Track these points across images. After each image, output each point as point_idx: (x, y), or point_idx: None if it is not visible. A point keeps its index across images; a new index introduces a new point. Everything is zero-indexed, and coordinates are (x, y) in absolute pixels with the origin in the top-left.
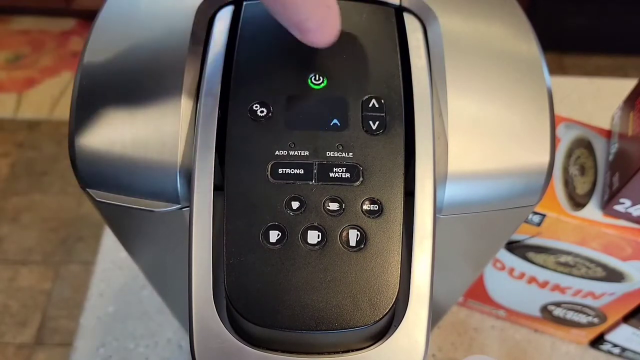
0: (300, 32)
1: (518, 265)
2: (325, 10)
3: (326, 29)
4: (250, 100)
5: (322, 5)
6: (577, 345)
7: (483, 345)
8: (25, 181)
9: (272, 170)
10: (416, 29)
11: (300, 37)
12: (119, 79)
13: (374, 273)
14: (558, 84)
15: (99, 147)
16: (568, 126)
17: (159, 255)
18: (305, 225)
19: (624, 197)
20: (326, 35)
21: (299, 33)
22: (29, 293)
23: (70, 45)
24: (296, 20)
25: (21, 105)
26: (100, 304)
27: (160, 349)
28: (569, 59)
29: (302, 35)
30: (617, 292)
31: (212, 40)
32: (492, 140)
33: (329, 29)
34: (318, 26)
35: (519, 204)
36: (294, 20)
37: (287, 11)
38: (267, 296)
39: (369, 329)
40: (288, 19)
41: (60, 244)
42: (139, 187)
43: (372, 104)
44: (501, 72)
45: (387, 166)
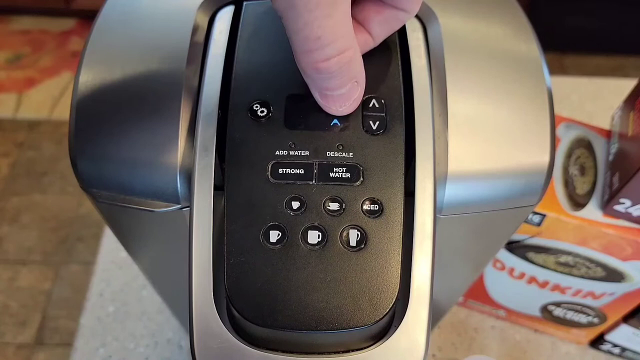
0: (321, 97)
1: (518, 265)
2: (354, 85)
3: (348, 102)
4: (251, 100)
5: (353, 80)
6: (577, 345)
7: (483, 345)
8: (25, 181)
9: (272, 170)
10: (416, 29)
11: (319, 101)
12: (119, 79)
13: (374, 273)
14: (558, 84)
15: (99, 147)
16: (568, 126)
17: (159, 255)
18: (305, 225)
19: (624, 197)
20: (344, 108)
21: (320, 97)
22: (29, 293)
23: (70, 45)
24: (323, 86)
25: (21, 105)
26: (100, 304)
27: (160, 349)
28: (569, 59)
29: (322, 100)
30: (617, 292)
31: (212, 40)
32: (492, 140)
33: (350, 104)
34: (341, 97)
35: (519, 204)
36: (321, 85)
37: (319, 76)
38: (268, 296)
39: (369, 329)
40: (316, 82)
41: (60, 244)
42: (139, 187)
43: (372, 103)
44: (501, 72)
45: (387, 166)
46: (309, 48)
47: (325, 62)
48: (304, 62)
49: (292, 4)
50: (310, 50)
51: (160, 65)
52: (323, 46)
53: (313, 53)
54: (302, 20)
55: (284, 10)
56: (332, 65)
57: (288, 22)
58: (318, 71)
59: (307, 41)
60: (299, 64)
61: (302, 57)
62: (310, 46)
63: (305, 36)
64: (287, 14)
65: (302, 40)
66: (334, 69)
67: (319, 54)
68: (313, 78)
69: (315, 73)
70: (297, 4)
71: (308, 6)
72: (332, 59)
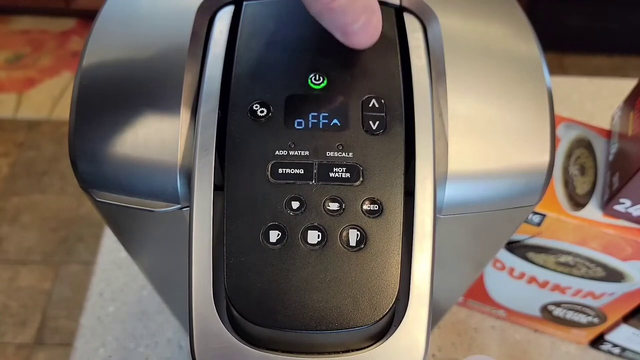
0: (344, 35)
1: (518, 265)
2: (370, 13)
3: (370, 32)
4: (250, 100)
5: (368, 8)
6: (577, 345)
7: (483, 345)
8: (25, 181)
9: (272, 170)
10: (416, 29)
11: (343, 40)
12: (119, 79)
13: (374, 273)
14: (558, 84)
15: (99, 147)
16: (568, 126)
17: (159, 255)
18: (305, 225)
19: (624, 197)
20: (369, 38)
21: (342, 35)
22: (29, 293)
23: (70, 45)
24: (341, 23)
25: (21, 105)
26: (100, 304)
27: (160, 349)
28: (569, 59)
29: (346, 37)
30: (617, 292)
31: (212, 40)
32: (492, 140)
33: (373, 32)
34: (362, 29)
35: (519, 204)
36: (339, 23)
37: (333, 15)
38: (267, 296)
39: (369, 329)
40: (333, 22)
41: (60, 244)
42: (139, 187)
43: (372, 103)
44: (501, 72)
45: (387, 166)
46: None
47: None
48: (317, 8)
49: None
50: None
51: (160, 65)
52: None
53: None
54: None
55: None
56: (343, 1)
57: None
58: (332, 11)
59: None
60: (312, 11)
61: (314, 5)
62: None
63: None
64: None
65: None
66: (345, 4)
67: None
68: (330, 19)
69: (330, 14)
70: None
71: None
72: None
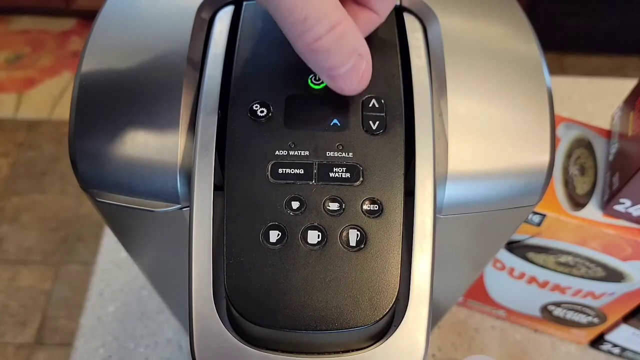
0: (328, 78)
1: (518, 265)
2: (357, 58)
3: (356, 78)
4: (251, 100)
5: (354, 53)
6: (577, 345)
7: (483, 345)
8: (25, 181)
9: (272, 170)
10: (416, 29)
11: (328, 83)
12: (119, 79)
13: (374, 273)
14: (558, 84)
15: (99, 147)
16: (568, 126)
17: (159, 255)
18: (305, 225)
19: (624, 197)
20: (356, 85)
21: (327, 79)
22: (29, 293)
23: (70, 45)
24: (325, 66)
25: (21, 105)
26: (100, 304)
27: (160, 349)
28: (569, 59)
29: (331, 81)
30: (617, 292)
31: (212, 40)
32: (492, 140)
33: (361, 79)
34: (348, 75)
35: (519, 204)
36: (323, 65)
37: (317, 56)
38: (267, 296)
39: (369, 329)
40: (317, 63)
41: (60, 244)
42: (139, 187)
43: (372, 103)
44: (501, 72)
45: (387, 166)
46: (299, 31)
47: (318, 41)
48: (300, 47)
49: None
50: (301, 34)
51: (160, 65)
52: (312, 26)
53: (304, 35)
54: (284, 7)
55: (266, 3)
56: (326, 42)
57: (273, 12)
58: (315, 52)
59: (295, 25)
60: (297, 51)
61: (297, 43)
62: (299, 29)
63: (292, 22)
64: (270, 4)
65: (291, 27)
66: (328, 45)
67: (309, 35)
68: (314, 60)
69: (313, 55)
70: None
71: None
72: (323, 36)
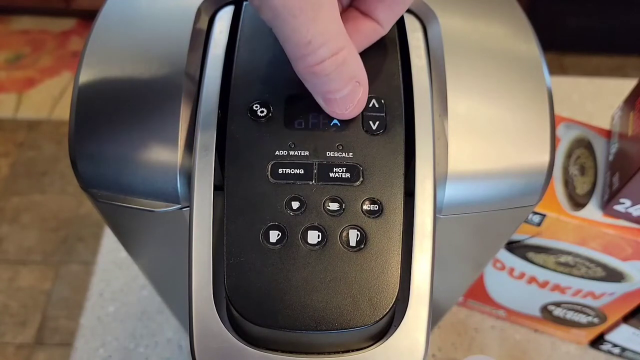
0: (324, 101)
1: (518, 265)
2: (355, 86)
3: (351, 104)
4: (251, 100)
5: (353, 80)
6: (577, 345)
7: (483, 345)
8: (25, 181)
9: (272, 170)
10: (416, 29)
11: (322, 106)
12: (119, 79)
13: (374, 273)
14: (558, 84)
15: (99, 147)
16: (568, 126)
17: (159, 255)
18: (305, 225)
19: (624, 197)
20: (350, 111)
21: (322, 101)
22: (29, 293)
23: (70, 45)
24: (323, 90)
25: (21, 105)
26: (100, 304)
27: (160, 349)
28: (569, 59)
29: (326, 104)
30: (617, 292)
31: (212, 40)
32: (492, 140)
33: (356, 105)
34: (344, 100)
35: (519, 204)
36: (321, 89)
37: (316, 79)
38: (267, 296)
39: (369, 329)
40: (315, 86)
41: (60, 244)
42: (139, 187)
43: (372, 103)
44: (501, 72)
45: (387, 166)
46: (302, 53)
47: (319, 65)
48: (300, 68)
49: (276, 13)
50: (303, 56)
51: (160, 65)
52: (315, 50)
53: (306, 58)
54: (289, 27)
55: (271, 21)
56: (327, 67)
57: (277, 31)
58: (315, 75)
59: (298, 47)
60: (296, 71)
61: (297, 64)
62: (302, 52)
63: (295, 43)
64: (275, 23)
65: (294, 47)
66: (329, 70)
67: (312, 58)
68: (313, 83)
69: (312, 77)
70: (281, 12)
71: (292, 12)
72: (325, 60)
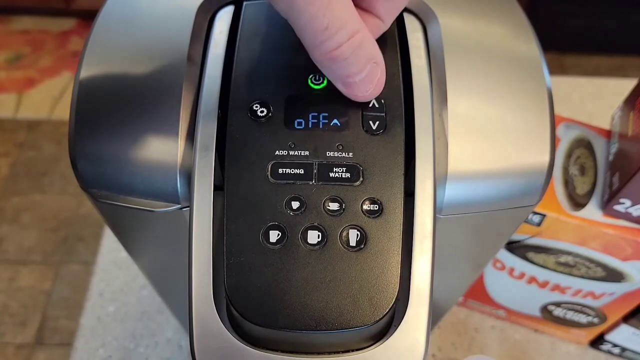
0: (344, 85)
1: (518, 265)
2: (373, 66)
3: (371, 85)
4: (251, 100)
5: (370, 61)
6: (577, 345)
7: (483, 345)
8: (25, 181)
9: (272, 170)
10: (416, 29)
11: (342, 90)
12: (119, 79)
13: (374, 273)
14: (558, 84)
15: (98, 147)
16: (568, 126)
17: (159, 255)
18: (305, 225)
19: (624, 197)
20: (371, 92)
21: (342, 86)
22: (29, 293)
23: (70, 45)
24: (343, 74)
25: (21, 105)
26: (100, 304)
27: (160, 349)
28: (569, 59)
29: (346, 88)
30: (617, 292)
31: (212, 40)
32: (492, 140)
33: (376, 85)
34: (364, 82)
35: (519, 204)
36: (340, 73)
37: (335, 64)
38: (267, 296)
39: (369, 329)
40: (334, 71)
41: (60, 244)
42: (139, 187)
43: (372, 103)
44: (501, 72)
45: (387, 166)
46: (319, 40)
47: (337, 49)
48: (318, 55)
49: (292, 2)
50: (321, 42)
51: (160, 65)
52: (332, 35)
53: (324, 44)
54: (305, 15)
55: (287, 11)
56: (345, 51)
57: (294, 21)
58: (333, 60)
59: (315, 34)
60: (314, 59)
61: (315, 51)
62: (319, 38)
63: (313, 30)
64: (291, 13)
65: (311, 35)
66: (347, 54)
67: (329, 43)
68: (331, 68)
69: (331, 63)
70: (297, 1)
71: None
72: (343, 45)
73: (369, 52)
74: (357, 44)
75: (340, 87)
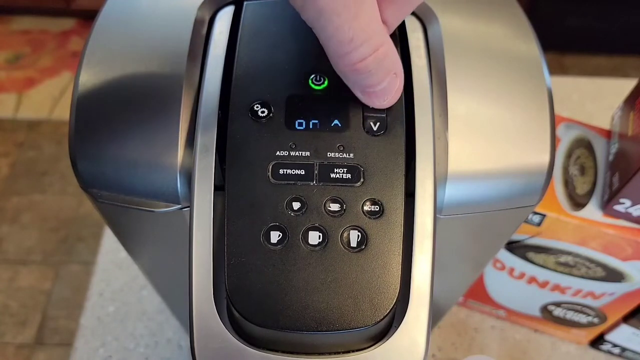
0: (363, 94)
1: (518, 265)
2: (393, 77)
3: (390, 94)
4: (251, 101)
5: (391, 72)
6: (577, 345)
7: (483, 345)
8: (25, 181)
9: (272, 170)
10: (416, 29)
11: (361, 98)
12: (119, 79)
13: (374, 274)
14: (558, 84)
15: (99, 147)
16: (568, 126)
17: (159, 255)
18: (306, 225)
19: (624, 197)
20: (388, 100)
21: (361, 95)
22: (29, 293)
23: (70, 45)
24: (364, 84)
25: (21, 105)
26: (100, 304)
27: (160, 349)
28: (569, 59)
29: (365, 97)
30: (617, 292)
31: (213, 40)
32: (492, 141)
33: (394, 95)
34: (383, 91)
35: (519, 204)
36: (362, 84)
37: (358, 76)
38: (268, 297)
39: (370, 330)
40: (357, 82)
41: (60, 244)
42: (139, 187)
43: None
44: (501, 72)
45: (387, 167)
46: (344, 51)
47: (362, 62)
48: (342, 65)
49: (320, 12)
50: (346, 53)
51: (161, 65)
52: (357, 47)
53: (349, 55)
54: (332, 25)
55: (314, 20)
56: (370, 63)
57: (320, 30)
58: (357, 72)
59: (341, 45)
60: (336, 69)
61: (339, 61)
62: (345, 49)
63: (338, 40)
64: (318, 22)
65: (337, 45)
66: (372, 66)
67: (354, 55)
68: (354, 79)
69: (354, 74)
70: (324, 10)
71: (336, 10)
72: (368, 57)
73: (391, 65)
74: (381, 56)
75: (358, 95)
